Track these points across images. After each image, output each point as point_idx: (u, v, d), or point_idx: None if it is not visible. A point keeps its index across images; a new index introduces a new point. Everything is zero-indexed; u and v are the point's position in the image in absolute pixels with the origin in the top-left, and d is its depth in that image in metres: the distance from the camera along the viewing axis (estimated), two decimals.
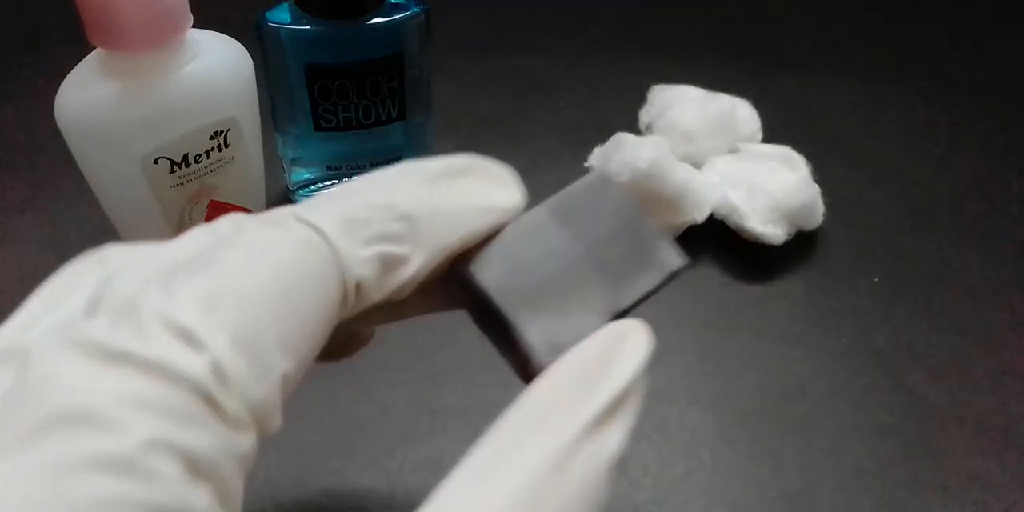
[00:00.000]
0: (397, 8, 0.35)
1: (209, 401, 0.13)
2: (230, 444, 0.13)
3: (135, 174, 0.30)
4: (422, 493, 0.15)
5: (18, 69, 0.48)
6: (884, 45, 0.54)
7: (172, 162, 0.30)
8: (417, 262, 0.17)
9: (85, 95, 0.28)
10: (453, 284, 0.20)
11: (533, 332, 0.19)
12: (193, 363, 0.13)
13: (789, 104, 0.48)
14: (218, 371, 0.13)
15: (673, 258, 0.21)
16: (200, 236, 0.17)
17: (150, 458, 0.12)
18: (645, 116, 0.43)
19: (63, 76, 0.29)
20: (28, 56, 0.49)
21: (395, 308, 0.20)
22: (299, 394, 0.35)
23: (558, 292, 0.19)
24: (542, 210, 0.20)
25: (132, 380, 0.13)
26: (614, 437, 0.16)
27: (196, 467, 0.13)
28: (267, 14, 0.34)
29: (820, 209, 0.39)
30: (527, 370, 0.19)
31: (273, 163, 0.38)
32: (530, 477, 0.15)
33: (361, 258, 0.16)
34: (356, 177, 0.19)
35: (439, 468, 0.30)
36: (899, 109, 0.49)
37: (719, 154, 0.41)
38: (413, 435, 0.31)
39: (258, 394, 0.14)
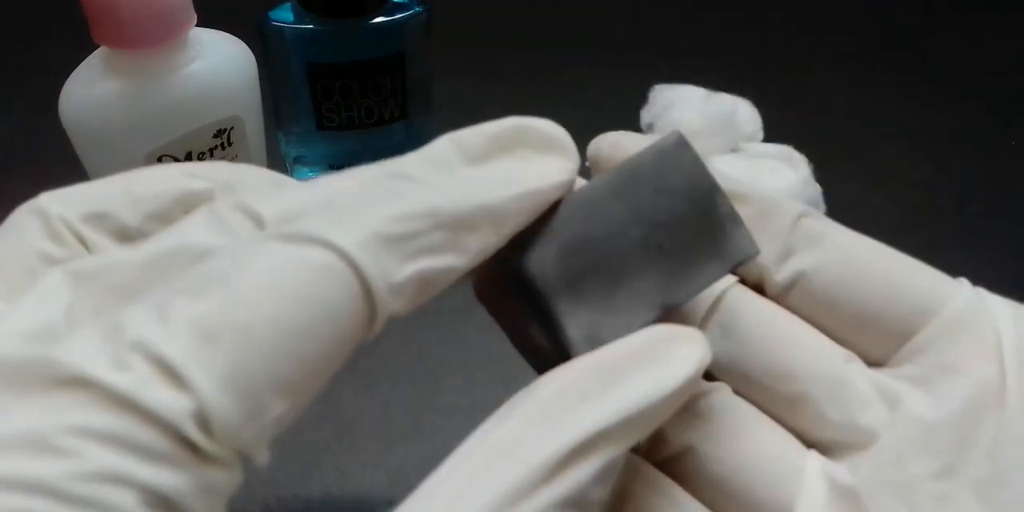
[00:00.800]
0: (399, 8, 0.35)
1: (184, 441, 0.12)
2: (206, 482, 0.12)
3: None
4: None
5: (22, 67, 0.49)
6: (885, 44, 0.54)
7: (175, 160, 0.30)
8: (458, 271, 0.15)
9: (89, 93, 0.28)
10: (493, 261, 0.17)
11: (574, 326, 0.17)
12: (170, 403, 0.12)
13: (790, 103, 0.48)
14: (200, 414, 0.12)
15: (743, 246, 0.17)
16: (207, 225, 0.15)
17: (99, 490, 0.11)
18: (646, 116, 0.43)
19: (67, 74, 0.29)
20: (32, 54, 0.50)
21: None
22: None
23: (608, 282, 0.17)
24: (601, 185, 0.17)
25: (94, 409, 0.12)
26: (617, 448, 0.14)
27: (162, 501, 0.12)
28: (270, 14, 0.34)
29: (822, 209, 0.39)
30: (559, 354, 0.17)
31: (275, 162, 0.38)
32: (523, 478, 0.14)
33: (398, 281, 0.14)
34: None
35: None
36: (900, 109, 0.49)
37: (720, 153, 0.41)
38: (415, 433, 0.31)
39: (244, 436, 0.12)
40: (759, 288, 0.19)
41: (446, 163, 0.16)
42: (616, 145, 0.20)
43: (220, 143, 0.31)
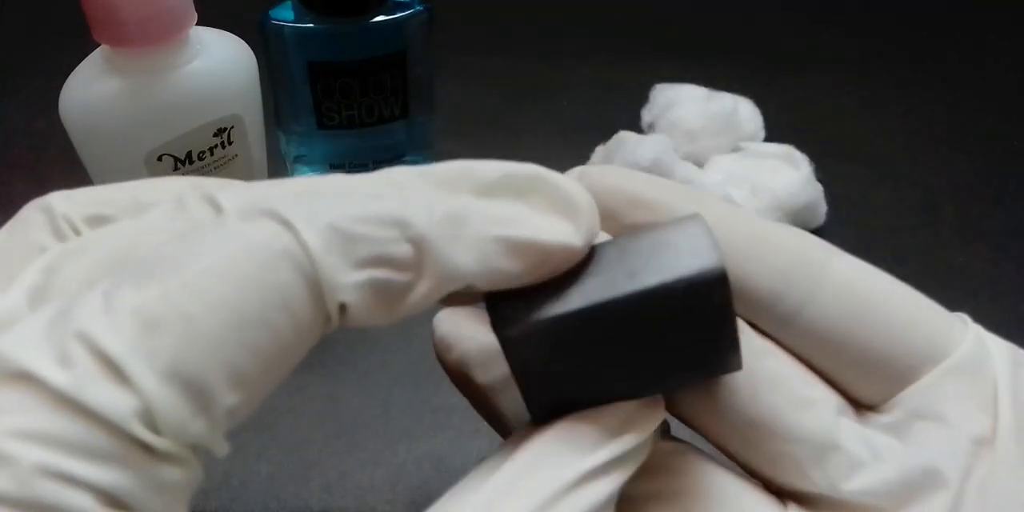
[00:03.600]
0: (400, 6, 0.35)
1: (131, 440, 0.12)
2: (159, 479, 0.12)
3: (138, 171, 0.30)
4: (423, 489, 0.15)
5: (22, 66, 0.49)
6: (886, 44, 0.54)
7: (176, 159, 0.30)
8: (421, 294, 0.14)
9: (89, 92, 0.28)
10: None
11: (539, 408, 0.16)
12: (113, 401, 0.11)
13: (791, 103, 0.48)
14: (144, 411, 0.12)
15: (737, 361, 0.16)
16: (154, 192, 0.15)
17: (46, 491, 0.11)
18: (647, 115, 0.43)
19: (67, 73, 0.29)
20: (32, 53, 0.50)
21: None
22: (301, 392, 0.35)
23: (581, 385, 0.16)
24: (626, 301, 0.15)
25: (38, 410, 0.11)
26: (602, 486, 0.15)
27: (116, 501, 0.12)
28: (271, 12, 0.34)
29: (823, 208, 0.39)
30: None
31: (276, 161, 0.38)
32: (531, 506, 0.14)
33: (348, 283, 0.13)
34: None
35: (440, 465, 0.30)
36: (901, 108, 0.49)
37: (721, 153, 0.41)
38: (415, 432, 0.31)
39: (195, 430, 0.12)
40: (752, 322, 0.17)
41: (447, 184, 0.15)
42: (584, 176, 0.18)
43: (220, 142, 0.31)
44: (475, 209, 0.14)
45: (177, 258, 0.12)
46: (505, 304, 0.15)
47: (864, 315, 0.17)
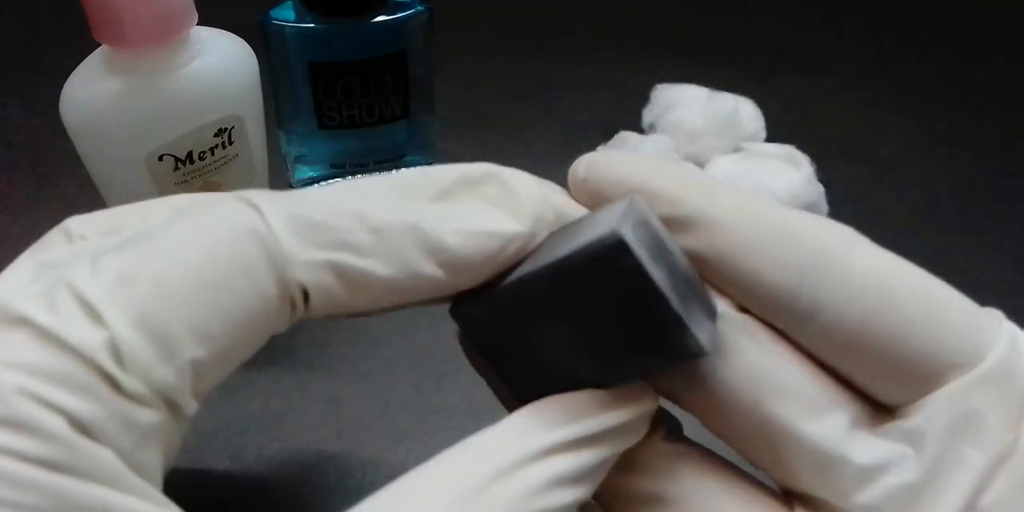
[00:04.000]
0: (401, 6, 0.35)
1: (100, 372, 0.13)
2: (127, 416, 0.13)
3: (139, 171, 0.30)
4: None
5: (22, 66, 0.49)
6: (887, 44, 0.54)
7: (176, 159, 0.30)
8: (383, 281, 0.15)
9: (90, 92, 0.28)
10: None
11: (519, 391, 0.17)
12: (87, 336, 0.13)
13: (792, 103, 0.48)
14: (113, 346, 0.13)
15: (687, 347, 0.15)
16: (159, 208, 0.17)
17: (22, 409, 0.13)
18: (648, 115, 0.43)
19: (68, 73, 0.29)
20: (32, 53, 0.50)
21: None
22: (302, 392, 0.35)
23: (539, 368, 0.17)
24: (541, 276, 0.16)
25: (25, 344, 0.13)
26: (566, 461, 0.15)
27: (88, 430, 0.13)
28: (271, 12, 0.34)
29: (824, 209, 0.39)
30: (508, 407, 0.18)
31: (277, 161, 0.38)
32: (468, 483, 0.14)
33: (309, 261, 0.15)
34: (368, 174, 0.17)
35: None
36: (903, 108, 0.49)
37: (723, 153, 0.41)
38: (416, 433, 0.31)
39: (159, 376, 0.14)
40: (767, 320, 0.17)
41: (407, 188, 0.16)
42: (591, 165, 0.18)
43: (221, 142, 0.31)
44: (429, 212, 0.16)
45: (156, 232, 0.15)
46: (463, 294, 0.17)
47: (888, 313, 0.16)
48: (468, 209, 0.16)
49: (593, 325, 0.16)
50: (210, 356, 0.14)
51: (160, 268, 0.14)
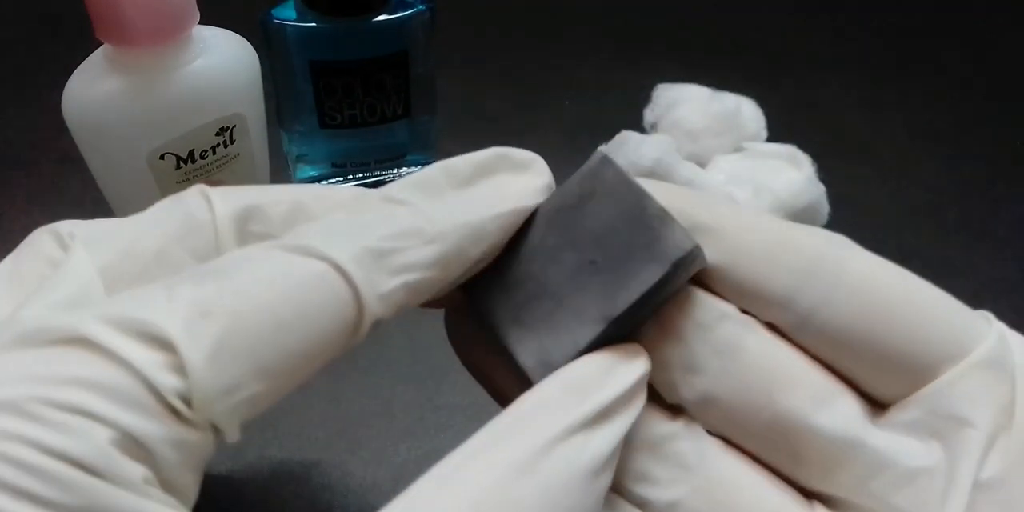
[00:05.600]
0: (402, 6, 0.35)
1: (162, 399, 0.14)
2: (178, 438, 0.14)
3: (141, 170, 0.30)
4: None
5: (25, 65, 0.49)
6: (889, 43, 0.54)
7: (178, 158, 0.30)
8: (446, 281, 0.17)
9: (92, 91, 0.28)
10: (461, 299, 0.19)
11: (526, 354, 0.18)
12: (153, 364, 0.14)
13: (794, 103, 0.48)
14: (181, 372, 0.14)
15: (677, 242, 0.17)
16: (164, 206, 0.17)
17: (73, 418, 0.13)
18: (650, 115, 0.43)
19: (70, 72, 0.29)
20: (35, 52, 0.50)
21: None
22: (303, 390, 0.35)
23: (550, 307, 0.18)
24: (536, 218, 0.18)
25: (95, 365, 0.14)
26: (595, 444, 0.15)
27: (142, 445, 0.14)
28: (273, 11, 0.34)
29: (825, 208, 0.39)
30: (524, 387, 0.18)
31: (278, 160, 0.38)
32: (496, 478, 0.15)
33: (384, 291, 0.16)
34: (395, 178, 0.19)
35: None
36: (904, 108, 0.49)
37: (724, 153, 0.41)
38: (417, 431, 0.31)
39: (219, 407, 0.14)
40: (771, 325, 0.18)
41: (435, 187, 0.18)
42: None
43: (222, 141, 0.31)
44: (466, 204, 0.17)
45: (230, 269, 0.15)
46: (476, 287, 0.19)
47: (881, 314, 0.17)
48: (492, 193, 0.18)
49: (593, 246, 0.18)
50: (267, 391, 0.15)
51: (236, 306, 0.14)
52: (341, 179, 0.40)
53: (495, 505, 0.14)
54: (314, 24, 0.34)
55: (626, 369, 0.17)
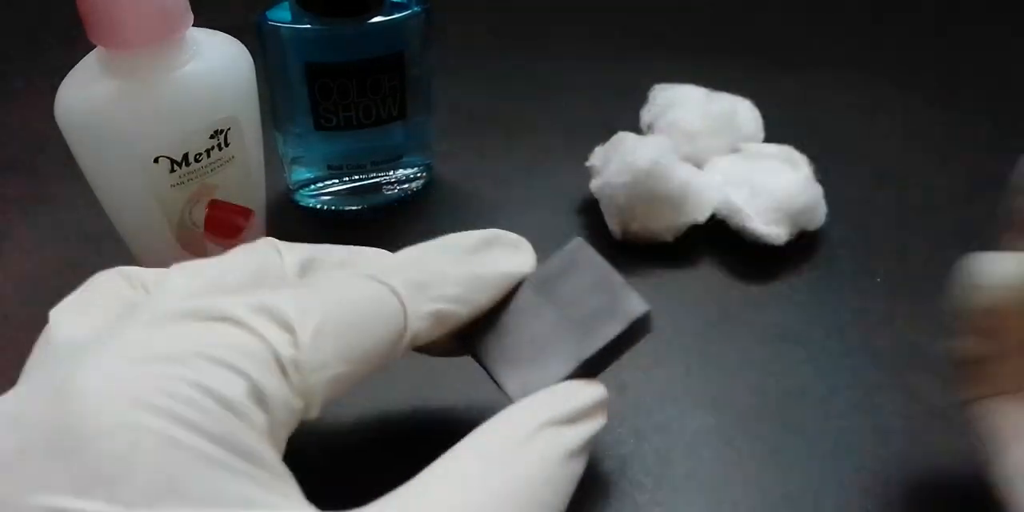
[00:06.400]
0: (398, 7, 0.35)
1: (280, 363, 0.19)
2: (286, 398, 0.19)
3: (135, 173, 0.30)
4: None
5: (17, 68, 0.48)
6: (886, 44, 0.54)
7: (172, 161, 0.30)
8: (462, 317, 0.23)
9: (85, 94, 0.28)
10: (460, 339, 0.25)
11: (512, 386, 0.24)
12: (279, 337, 0.19)
13: (791, 103, 0.48)
14: (296, 347, 0.19)
15: (632, 306, 0.23)
16: (245, 254, 0.23)
17: (223, 370, 0.18)
18: (646, 115, 0.43)
19: (63, 75, 0.29)
20: (28, 54, 0.49)
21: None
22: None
23: (534, 350, 0.24)
24: (527, 286, 0.25)
25: (235, 336, 0.19)
26: (570, 434, 0.21)
27: (260, 397, 0.18)
28: (267, 13, 0.34)
29: (823, 209, 0.39)
30: None
31: (273, 162, 0.38)
32: (485, 461, 0.20)
33: (423, 313, 0.22)
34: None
35: None
36: (901, 108, 0.49)
37: (721, 154, 0.40)
38: (415, 432, 0.31)
39: (314, 378, 0.19)
40: None
41: (453, 249, 0.24)
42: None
43: (217, 144, 0.31)
44: (477, 264, 0.24)
45: (320, 283, 0.21)
46: (475, 331, 0.25)
47: None
48: (493, 259, 0.24)
49: (570, 306, 0.24)
50: (345, 375, 0.20)
51: (328, 308, 0.20)
52: (337, 181, 0.40)
53: (487, 482, 0.19)
54: (309, 26, 0.34)
55: (591, 390, 0.23)
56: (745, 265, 0.38)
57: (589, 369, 0.23)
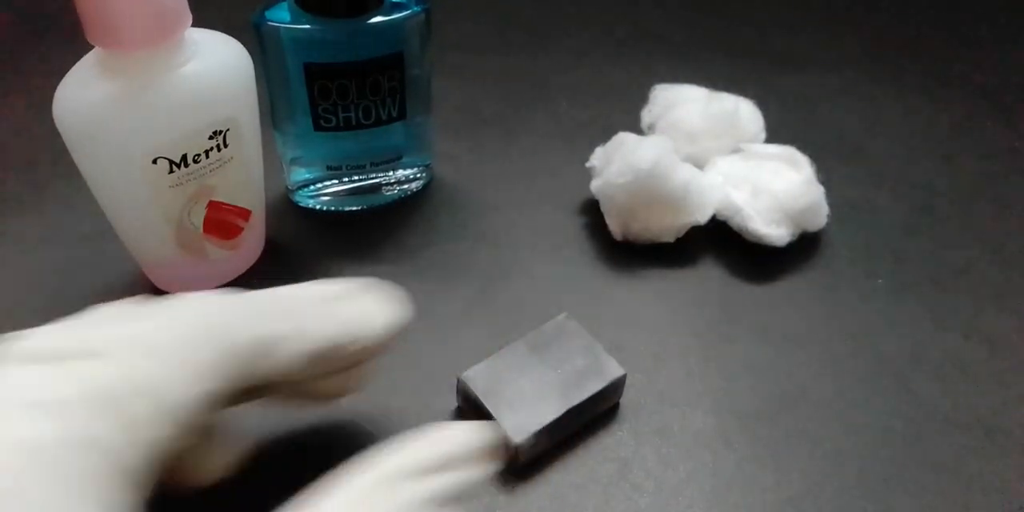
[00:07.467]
0: (397, 7, 0.35)
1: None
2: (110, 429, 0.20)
3: (134, 174, 0.30)
4: None
5: (16, 68, 0.48)
6: (887, 45, 0.54)
7: (171, 162, 0.30)
8: (291, 349, 0.24)
9: (83, 94, 0.28)
10: (458, 389, 0.31)
11: (507, 422, 0.29)
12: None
13: (792, 104, 0.48)
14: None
15: (613, 369, 0.30)
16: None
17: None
18: (647, 116, 0.43)
19: (61, 75, 0.29)
20: (26, 55, 0.49)
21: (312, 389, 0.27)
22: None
23: (529, 397, 0.29)
24: (521, 343, 0.31)
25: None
26: (440, 481, 0.22)
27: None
28: (266, 13, 0.34)
29: (824, 210, 0.38)
30: (507, 447, 0.29)
31: (272, 163, 0.38)
32: (347, 504, 0.21)
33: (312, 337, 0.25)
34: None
35: None
36: (903, 109, 0.49)
37: (722, 154, 0.40)
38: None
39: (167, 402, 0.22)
40: None
41: (311, 297, 0.26)
42: None
43: (216, 144, 0.31)
44: (325, 308, 0.26)
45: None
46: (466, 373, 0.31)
47: None
48: (350, 308, 0.26)
49: (559, 366, 0.30)
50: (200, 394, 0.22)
51: (158, 335, 0.22)
52: (336, 181, 0.40)
53: None
54: (308, 26, 0.34)
55: (469, 436, 0.23)
56: (746, 266, 0.38)
57: (573, 417, 0.30)
